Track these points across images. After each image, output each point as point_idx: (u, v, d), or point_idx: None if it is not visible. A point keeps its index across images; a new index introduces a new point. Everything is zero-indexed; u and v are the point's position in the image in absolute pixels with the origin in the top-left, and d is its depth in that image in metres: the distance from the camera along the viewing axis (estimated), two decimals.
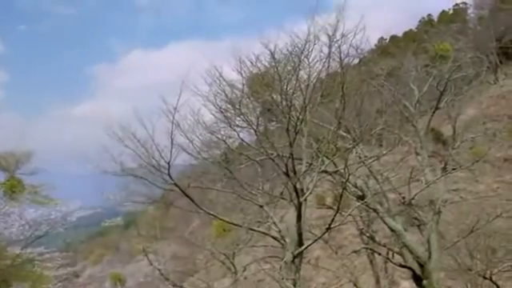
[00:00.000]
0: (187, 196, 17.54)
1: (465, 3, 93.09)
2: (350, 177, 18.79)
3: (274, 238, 18.41)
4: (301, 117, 16.61)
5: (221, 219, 19.53)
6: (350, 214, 20.81)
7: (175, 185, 16.75)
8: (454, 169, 28.52)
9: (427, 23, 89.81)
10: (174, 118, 16.28)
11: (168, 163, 16.45)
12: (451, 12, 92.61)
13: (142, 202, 17.93)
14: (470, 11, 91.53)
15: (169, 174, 16.64)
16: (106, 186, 17.74)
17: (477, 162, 33.18)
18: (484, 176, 46.17)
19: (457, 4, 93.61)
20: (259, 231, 19.56)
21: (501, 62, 71.29)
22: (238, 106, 16.61)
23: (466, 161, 33.11)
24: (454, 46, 29.16)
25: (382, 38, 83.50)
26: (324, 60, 17.81)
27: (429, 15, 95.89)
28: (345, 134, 21.18)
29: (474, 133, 46.20)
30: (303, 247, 17.40)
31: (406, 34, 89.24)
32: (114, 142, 16.64)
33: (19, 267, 24.54)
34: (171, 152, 16.40)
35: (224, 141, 17.26)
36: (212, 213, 19.08)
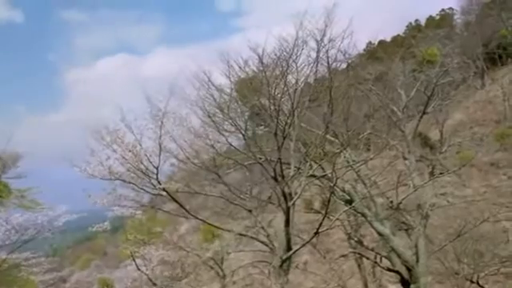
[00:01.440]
0: (176, 201, 17.52)
1: (451, 9, 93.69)
2: (338, 181, 18.83)
3: (263, 243, 18.41)
4: (289, 121, 16.64)
5: (209, 224, 19.50)
6: (337, 219, 20.88)
7: (164, 190, 16.71)
8: (441, 173, 28.68)
9: (414, 28, 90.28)
10: (162, 122, 16.29)
11: (156, 168, 16.43)
12: (438, 17, 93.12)
13: (129, 207, 17.85)
14: (456, 17, 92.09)
15: (157, 179, 16.60)
16: (93, 190, 17.64)
17: (464, 166, 33.38)
18: (471, 180, 46.39)
19: (443, 9, 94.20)
20: (248, 236, 19.55)
21: (487, 68, 71.79)
22: (226, 111, 16.62)
23: (453, 165, 33.28)
24: (441, 52, 29.35)
25: (370, 43, 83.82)
26: (312, 65, 17.86)
27: (416, 21, 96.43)
28: (332, 139, 21.22)
29: (461, 137, 46.61)
30: (291, 252, 17.41)
31: (393, 38, 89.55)
32: (101, 147, 16.62)
33: (5, 272, 24.30)
34: (159, 157, 16.39)
35: (212, 146, 17.24)
36: (200, 218, 19.06)
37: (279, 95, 16.90)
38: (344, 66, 22.52)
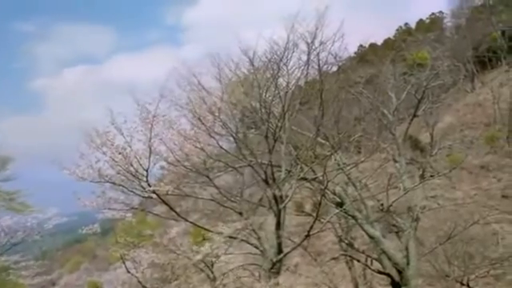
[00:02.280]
0: (166, 203, 17.45)
1: (441, 12, 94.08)
2: (329, 184, 18.83)
3: (254, 246, 18.36)
4: (280, 124, 16.63)
5: (199, 227, 19.45)
6: (328, 221, 20.86)
7: (154, 192, 16.64)
8: (431, 176, 28.77)
9: (405, 32, 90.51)
10: (152, 125, 16.22)
11: (146, 170, 16.36)
12: (428, 21, 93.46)
13: (119, 209, 17.75)
14: (446, 20, 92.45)
15: (147, 181, 16.53)
16: (82, 192, 17.53)
17: (454, 169, 33.55)
18: (461, 183, 46.58)
19: (433, 13, 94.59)
20: (239, 238, 19.49)
21: (477, 71, 72.21)
22: (216, 113, 16.57)
23: (443, 168, 33.46)
24: (432, 55, 29.49)
25: (360, 46, 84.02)
26: (303, 67, 17.88)
27: (406, 24, 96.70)
28: (323, 141, 21.21)
29: (452, 140, 46.80)
30: (282, 255, 17.39)
31: (384, 42, 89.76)
32: (91, 149, 16.52)
33: None
34: (149, 159, 16.32)
35: (202, 148, 17.18)
36: (191, 220, 19.00)
37: (270, 98, 16.89)
38: (335, 68, 22.56)
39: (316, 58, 17.68)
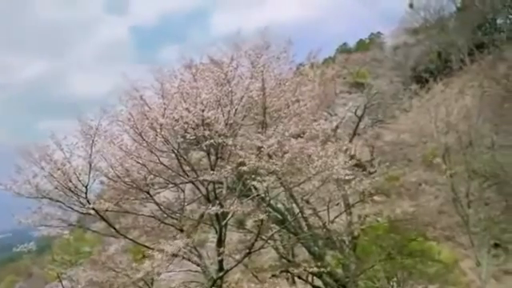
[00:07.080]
0: (105, 220, 17.17)
1: (380, 33, 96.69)
2: (271, 200, 18.89)
3: (194, 263, 18.22)
4: (222, 141, 16.61)
5: (139, 244, 19.14)
6: (270, 238, 20.90)
7: (93, 209, 16.33)
8: (371, 193, 29.25)
9: (344, 51, 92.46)
10: (92, 141, 15.99)
11: (85, 186, 16.07)
12: (368, 41, 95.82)
13: (56, 226, 17.28)
14: (386, 41, 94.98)
15: (86, 198, 16.23)
16: (17, 207, 16.98)
17: (393, 186, 34.26)
18: (400, 200, 47.59)
19: (372, 33, 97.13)
20: (179, 256, 19.28)
21: (415, 91, 74.28)
22: (158, 129, 16.42)
23: (382, 185, 34.04)
24: (372, 74, 30.16)
25: (301, 64, 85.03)
26: (246, 84, 17.94)
27: (344, 44, 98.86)
28: (266, 158, 21.27)
29: (391, 158, 47.84)
30: (223, 272, 17.34)
31: (325, 60, 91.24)
32: (28, 164, 16.11)
33: None
34: (89, 175, 16.05)
35: (143, 165, 16.98)
36: (130, 237, 18.71)
37: (212, 113, 16.84)
38: (277, 85, 22.71)
39: (260, 75, 17.79)
